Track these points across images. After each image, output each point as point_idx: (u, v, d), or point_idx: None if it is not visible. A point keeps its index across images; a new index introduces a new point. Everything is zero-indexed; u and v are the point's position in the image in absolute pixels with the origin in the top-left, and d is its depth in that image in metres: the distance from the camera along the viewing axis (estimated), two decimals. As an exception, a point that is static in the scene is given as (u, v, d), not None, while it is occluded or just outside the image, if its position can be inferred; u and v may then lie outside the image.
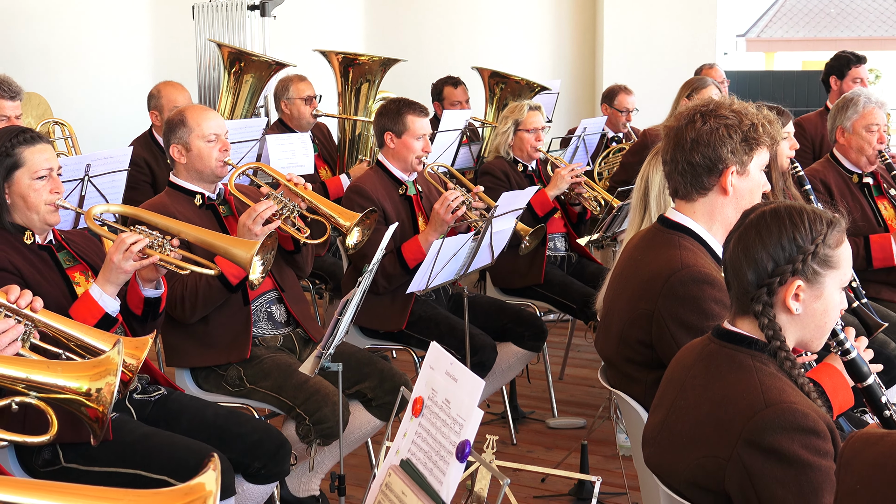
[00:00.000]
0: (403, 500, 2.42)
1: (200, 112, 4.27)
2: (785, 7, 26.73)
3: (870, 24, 25.65)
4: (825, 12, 26.31)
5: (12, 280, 3.28)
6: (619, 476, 4.92)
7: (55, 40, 8.45)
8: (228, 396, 4.23)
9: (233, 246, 3.77)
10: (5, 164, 3.47)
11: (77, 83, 8.48)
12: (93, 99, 8.57)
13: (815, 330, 2.53)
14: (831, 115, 5.30)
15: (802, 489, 2.29)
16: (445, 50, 10.48)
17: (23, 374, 2.21)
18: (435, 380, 2.48)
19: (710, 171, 3.14)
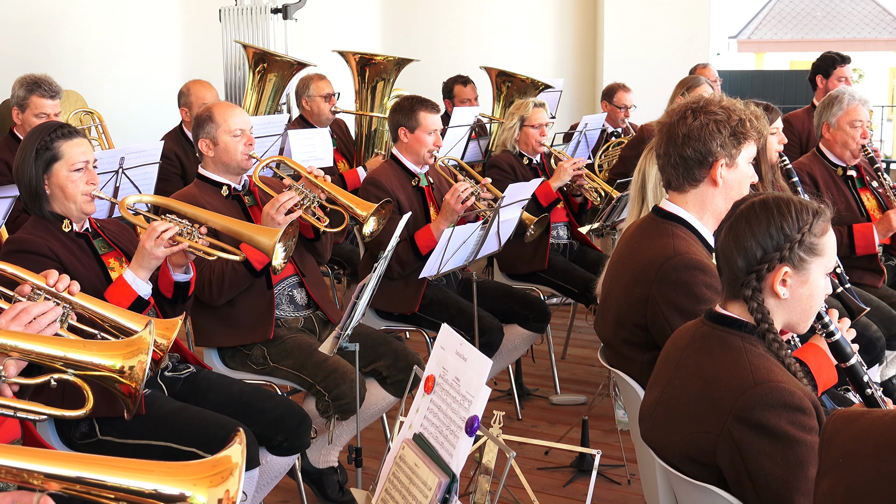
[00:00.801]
0: (416, 471, 2.43)
1: (227, 109, 4.28)
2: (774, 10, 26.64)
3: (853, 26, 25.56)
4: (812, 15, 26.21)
5: (51, 265, 3.29)
6: (617, 449, 4.93)
7: (91, 42, 8.45)
8: (253, 374, 4.24)
9: (257, 234, 3.78)
10: (45, 157, 3.48)
11: (111, 82, 8.49)
12: (126, 96, 8.57)
13: (802, 313, 2.53)
14: (817, 112, 5.29)
15: (789, 462, 2.29)
16: (455, 50, 10.47)
17: (61, 352, 2.21)
18: (446, 359, 2.49)
19: (701, 164, 3.14)
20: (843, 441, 1.93)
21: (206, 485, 1.60)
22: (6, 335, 2.19)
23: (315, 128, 6.64)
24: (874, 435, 1.87)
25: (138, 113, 8.52)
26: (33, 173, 3.49)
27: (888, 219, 4.98)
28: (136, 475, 1.58)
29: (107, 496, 1.57)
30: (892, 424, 1.84)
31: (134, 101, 8.61)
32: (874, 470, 1.83)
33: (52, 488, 1.56)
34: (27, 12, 8.00)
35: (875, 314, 4.71)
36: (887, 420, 1.86)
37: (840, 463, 1.91)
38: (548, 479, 4.74)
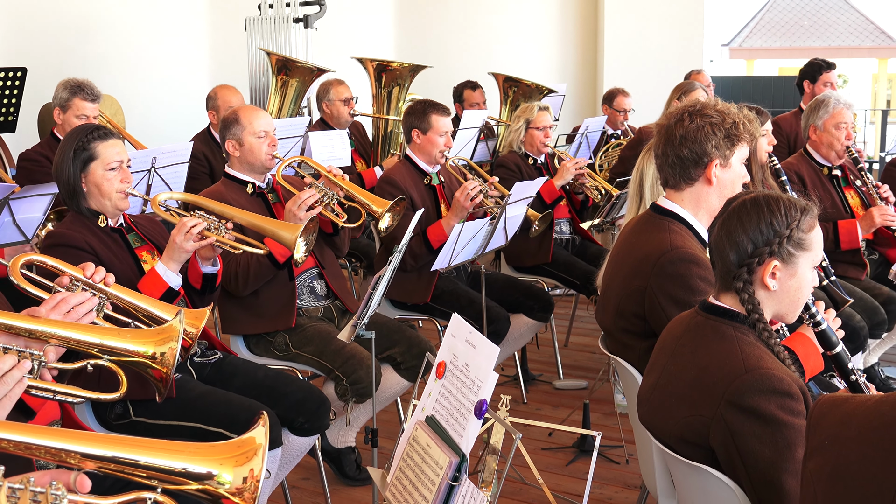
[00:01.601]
0: (428, 451, 2.43)
1: (252, 112, 4.28)
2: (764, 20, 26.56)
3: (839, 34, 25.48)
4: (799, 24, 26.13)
5: (88, 258, 3.30)
6: (616, 431, 4.92)
7: (125, 50, 8.47)
8: (276, 360, 4.25)
9: (280, 229, 3.78)
10: (82, 157, 3.49)
11: (145, 86, 8.51)
12: (158, 100, 8.59)
13: (790, 304, 2.52)
14: (805, 115, 5.27)
15: (778, 444, 2.29)
16: (465, 57, 10.46)
17: (97, 339, 2.22)
18: (456, 346, 2.48)
19: (697, 164, 3.14)
20: (829, 424, 1.93)
21: (232, 464, 1.60)
22: (46, 324, 2.20)
23: (334, 130, 6.64)
24: (858, 419, 1.86)
25: (169, 115, 8.55)
26: (71, 172, 3.50)
27: (871, 216, 4.97)
28: (167, 455, 1.58)
29: (139, 474, 1.57)
30: (874, 409, 1.84)
31: (165, 105, 8.63)
32: (858, 452, 1.83)
33: (88, 467, 1.56)
34: (66, 21, 8.02)
35: (858, 305, 4.71)
36: (870, 405, 1.86)
37: (826, 445, 1.91)
38: (551, 458, 4.74)
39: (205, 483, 1.59)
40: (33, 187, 4.28)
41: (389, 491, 2.57)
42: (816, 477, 1.92)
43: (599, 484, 4.46)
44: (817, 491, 1.90)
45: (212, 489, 1.59)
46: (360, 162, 7.01)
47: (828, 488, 1.87)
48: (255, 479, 1.60)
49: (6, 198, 4.08)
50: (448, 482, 2.32)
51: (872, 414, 1.83)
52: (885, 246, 5.26)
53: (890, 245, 5.20)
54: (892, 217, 4.94)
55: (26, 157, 5.45)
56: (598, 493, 4.38)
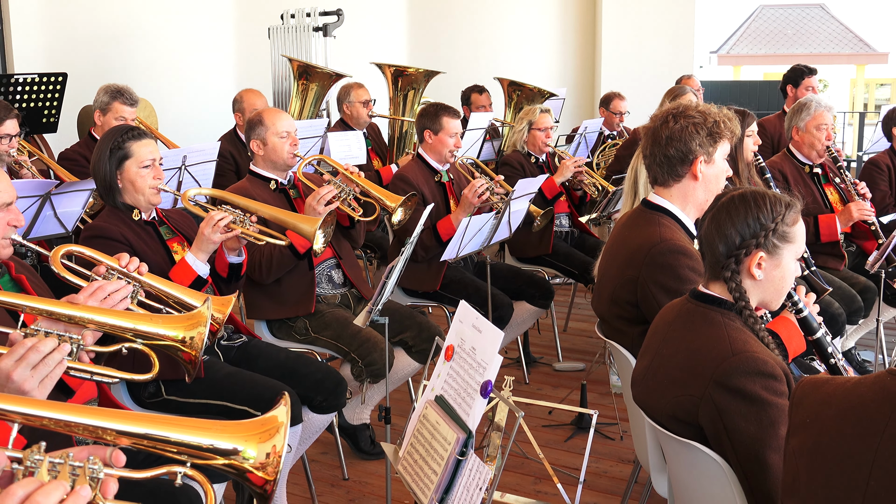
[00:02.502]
0: (437, 428, 2.42)
1: (275, 114, 4.27)
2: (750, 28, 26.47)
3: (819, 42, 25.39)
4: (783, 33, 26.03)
5: (123, 249, 3.30)
6: (611, 410, 4.92)
7: (158, 57, 8.49)
8: (296, 343, 4.25)
9: (300, 222, 3.78)
10: (117, 155, 3.49)
11: (176, 90, 8.52)
12: (188, 103, 8.60)
13: (774, 293, 2.52)
14: (788, 117, 5.26)
15: (762, 422, 2.28)
16: (472, 63, 10.45)
17: (131, 324, 2.22)
18: (463, 331, 2.48)
19: (683, 162, 3.15)
20: (811, 404, 1.92)
21: (256, 441, 1.60)
22: (84, 310, 2.20)
23: (352, 131, 6.63)
24: (837, 399, 1.86)
25: (199, 117, 8.56)
26: (108, 169, 3.50)
27: (849, 211, 4.96)
28: (196, 432, 1.58)
29: (170, 450, 1.57)
30: (853, 390, 1.83)
31: (195, 107, 8.65)
32: (837, 430, 1.82)
33: (123, 443, 1.56)
34: (104, 31, 8.03)
35: (837, 293, 4.70)
36: (849, 386, 1.86)
37: (807, 423, 1.91)
38: (551, 435, 4.74)
39: (231, 458, 1.58)
40: (73, 183, 4.29)
41: (401, 465, 2.57)
42: (798, 453, 1.91)
43: (596, 458, 4.46)
44: (799, 466, 1.90)
45: (237, 464, 1.59)
46: (376, 160, 7.01)
47: (809, 463, 1.87)
48: (277, 454, 1.60)
49: (48, 193, 4.09)
50: (456, 457, 2.32)
51: (851, 395, 1.83)
52: (862, 239, 5.25)
53: (866, 238, 5.18)
54: (868, 212, 4.93)
55: (66, 155, 5.46)
56: (594, 467, 4.38)
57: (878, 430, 1.73)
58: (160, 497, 2.50)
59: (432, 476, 2.38)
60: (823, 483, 1.82)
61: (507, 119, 7.86)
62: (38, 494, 1.35)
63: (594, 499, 4.10)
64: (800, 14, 26.34)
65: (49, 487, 1.36)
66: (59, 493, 1.36)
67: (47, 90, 6.07)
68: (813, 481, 1.85)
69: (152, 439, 1.56)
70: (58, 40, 7.70)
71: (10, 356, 2.01)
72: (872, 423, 1.75)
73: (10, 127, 4.54)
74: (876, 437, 1.73)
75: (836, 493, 1.79)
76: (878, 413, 1.74)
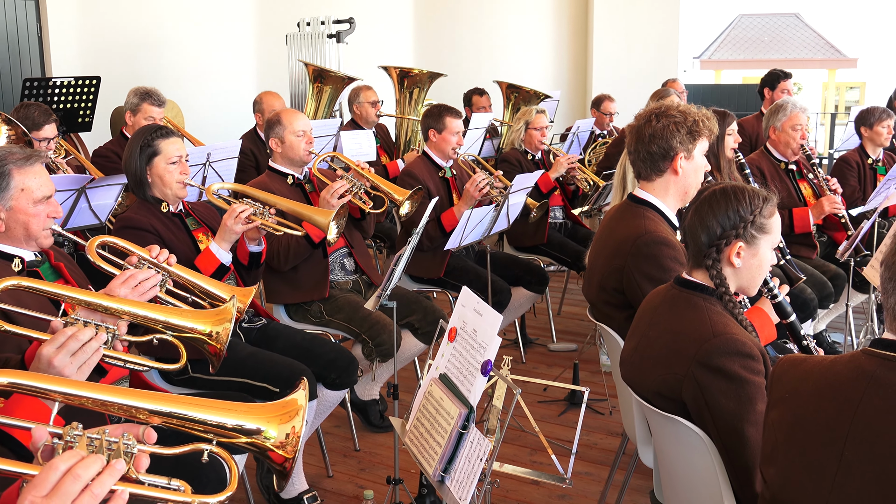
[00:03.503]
0: (441, 404, 2.42)
1: (292, 114, 4.27)
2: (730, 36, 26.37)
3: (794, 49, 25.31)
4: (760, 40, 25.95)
5: (153, 239, 3.31)
6: (601, 387, 4.93)
7: (185, 61, 8.49)
8: (312, 325, 4.26)
9: (315, 214, 3.78)
10: (147, 152, 3.50)
11: (201, 92, 8.52)
12: (212, 104, 8.60)
13: (751, 280, 2.52)
14: (765, 118, 5.24)
15: (740, 398, 2.28)
16: (474, 67, 10.44)
17: (163, 317, 2.23)
18: (465, 314, 2.48)
19: (664, 158, 3.15)
20: (790, 380, 1.93)
21: (277, 422, 1.60)
22: (120, 302, 2.20)
23: (362, 130, 6.63)
24: (815, 376, 1.86)
25: (221, 117, 8.56)
26: (138, 165, 3.50)
27: (821, 204, 4.95)
28: (222, 413, 1.58)
29: (198, 429, 1.57)
30: (829, 368, 1.84)
31: (218, 108, 8.64)
32: (814, 404, 1.83)
33: (155, 422, 1.57)
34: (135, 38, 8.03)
35: (809, 280, 4.70)
36: (826, 364, 1.86)
37: (786, 398, 1.91)
38: (546, 410, 4.75)
39: (253, 437, 1.59)
40: (106, 178, 4.29)
41: (408, 437, 2.58)
42: (777, 424, 1.92)
43: (587, 432, 4.47)
44: (778, 437, 1.90)
45: (259, 443, 1.59)
46: (384, 156, 7.01)
47: (788, 435, 1.87)
48: (296, 434, 1.61)
49: (83, 187, 4.09)
50: (458, 430, 2.32)
51: (828, 372, 1.83)
52: (833, 230, 5.24)
53: (837, 229, 5.18)
54: (839, 206, 4.93)
55: (99, 152, 5.46)
56: (585, 439, 4.38)
57: (853, 406, 1.74)
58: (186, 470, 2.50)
59: (437, 448, 2.38)
60: (801, 453, 1.83)
61: (506, 119, 7.85)
62: (78, 467, 1.35)
63: (585, 468, 4.11)
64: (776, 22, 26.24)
65: (88, 461, 1.37)
66: (97, 467, 1.37)
67: (82, 92, 6.07)
68: (791, 451, 1.86)
69: (181, 418, 1.56)
70: (92, 46, 7.70)
71: (52, 343, 2.02)
72: (847, 399, 1.75)
73: (50, 131, 4.55)
74: (850, 412, 1.74)
75: (813, 463, 1.79)
76: (853, 390, 1.74)
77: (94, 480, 1.35)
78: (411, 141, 7.45)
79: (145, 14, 8.17)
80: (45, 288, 2.17)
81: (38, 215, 2.69)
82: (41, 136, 4.48)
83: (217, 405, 1.58)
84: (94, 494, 1.35)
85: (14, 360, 2.24)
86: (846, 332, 5.13)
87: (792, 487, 1.84)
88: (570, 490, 3.89)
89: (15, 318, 2.27)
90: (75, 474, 1.34)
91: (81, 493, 1.34)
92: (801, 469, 1.82)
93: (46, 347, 2.01)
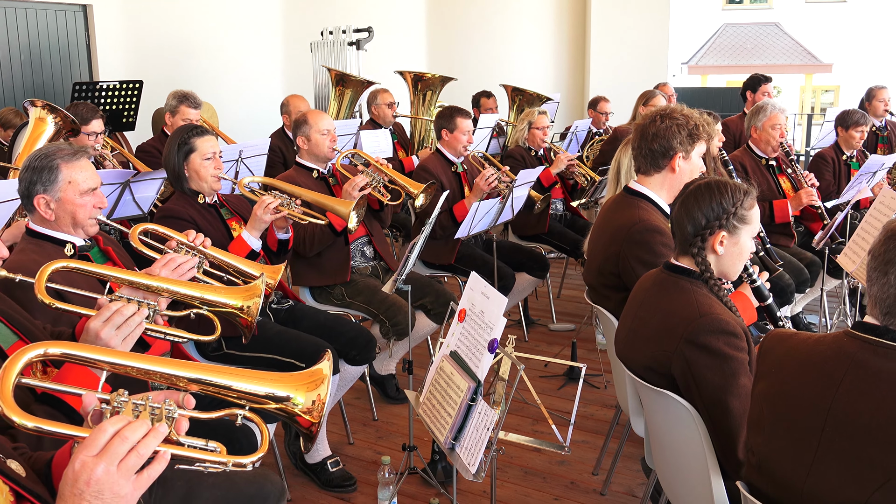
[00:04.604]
0: (452, 378, 2.43)
1: (317, 115, 4.27)
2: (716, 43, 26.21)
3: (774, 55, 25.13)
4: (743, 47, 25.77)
5: (190, 227, 3.31)
6: (597, 363, 4.93)
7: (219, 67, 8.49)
8: (334, 306, 4.26)
9: (337, 205, 3.78)
10: (184, 149, 3.50)
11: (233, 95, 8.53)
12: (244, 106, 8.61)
13: (732, 266, 2.51)
14: (747, 118, 5.21)
15: (724, 373, 2.28)
16: (482, 72, 10.41)
17: (199, 294, 2.23)
18: (474, 297, 2.48)
19: (664, 156, 3.13)
20: (776, 355, 1.92)
21: (305, 390, 1.61)
22: (160, 280, 2.21)
23: (380, 129, 6.63)
24: (800, 352, 1.85)
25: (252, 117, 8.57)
26: (176, 161, 3.51)
27: (798, 197, 4.93)
28: (255, 382, 1.59)
29: (232, 396, 1.58)
30: (814, 347, 1.83)
31: (249, 109, 8.66)
32: (799, 379, 1.82)
33: (193, 389, 1.57)
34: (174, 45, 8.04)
35: (787, 267, 4.68)
36: (811, 343, 1.86)
37: (772, 371, 1.91)
38: (547, 384, 4.75)
39: (283, 404, 1.59)
40: (148, 173, 4.30)
41: (422, 408, 2.58)
42: (764, 396, 1.91)
43: (584, 404, 4.47)
44: (764, 408, 1.90)
45: (288, 409, 1.60)
46: (400, 152, 7.00)
47: (773, 406, 1.87)
48: (321, 401, 1.61)
49: (127, 181, 4.11)
50: (467, 402, 2.33)
51: (812, 350, 1.83)
52: (809, 220, 5.22)
53: (813, 220, 5.16)
54: (815, 198, 4.90)
55: (143, 149, 5.48)
56: (582, 410, 4.39)
57: (835, 383, 1.73)
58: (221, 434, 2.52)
59: (447, 418, 2.39)
60: (785, 425, 1.82)
61: (511, 119, 7.82)
62: (125, 430, 1.37)
63: (583, 437, 4.11)
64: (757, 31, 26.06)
65: (134, 424, 1.38)
66: (142, 430, 1.38)
67: (127, 95, 6.08)
68: (776, 423, 1.85)
69: (218, 386, 1.57)
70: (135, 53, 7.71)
71: (99, 318, 2.03)
72: (830, 376, 1.74)
73: (96, 126, 4.56)
74: (833, 389, 1.73)
75: (796, 435, 1.79)
76: (836, 369, 1.74)
77: (140, 442, 1.37)
78: (425, 139, 7.44)
79: (184, 24, 8.18)
80: (93, 269, 2.18)
81: (84, 205, 2.71)
82: (89, 129, 4.51)
83: (250, 374, 1.59)
84: (140, 454, 1.36)
85: (66, 333, 2.26)
86: (821, 314, 5.11)
87: (777, 457, 1.84)
88: (568, 457, 3.89)
89: (67, 297, 2.29)
90: (123, 436, 1.36)
91: (128, 453, 1.35)
92: (785, 440, 1.82)
93: (94, 321, 2.03)
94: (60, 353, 1.54)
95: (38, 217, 2.72)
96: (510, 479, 3.71)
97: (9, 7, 6.96)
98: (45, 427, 1.43)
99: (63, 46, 7.36)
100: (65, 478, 1.35)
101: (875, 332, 1.71)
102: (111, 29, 7.57)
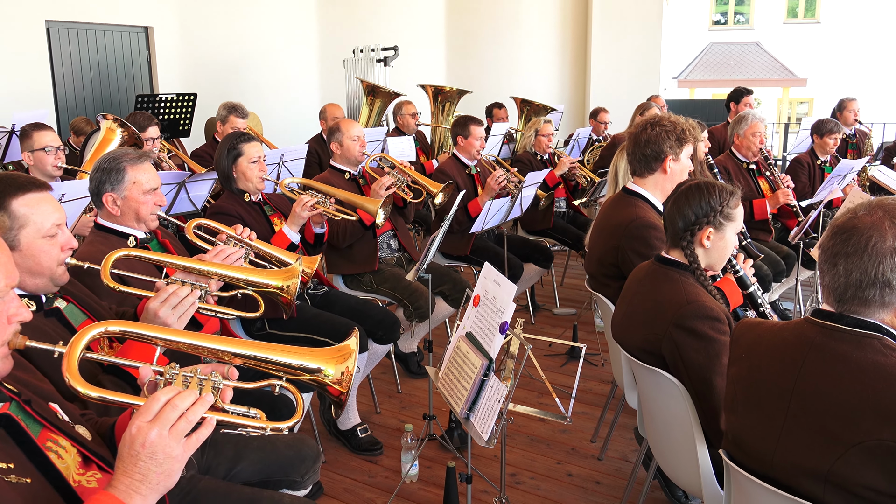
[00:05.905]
0: (467, 356, 2.42)
1: (349, 123, 4.26)
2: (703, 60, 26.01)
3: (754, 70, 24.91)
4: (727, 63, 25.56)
5: (238, 222, 3.32)
6: (596, 344, 4.90)
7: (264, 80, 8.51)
8: (364, 292, 4.26)
9: (366, 202, 3.77)
10: (233, 154, 3.50)
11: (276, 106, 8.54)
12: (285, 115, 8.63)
13: (718, 258, 2.49)
14: (731, 126, 5.16)
15: (709, 354, 2.26)
16: (494, 85, 10.39)
17: (244, 276, 2.24)
18: (486, 285, 2.47)
19: (656, 159, 3.11)
20: (746, 342, 1.90)
21: (334, 363, 1.61)
22: (210, 265, 2.21)
23: (405, 136, 6.62)
24: (766, 339, 1.84)
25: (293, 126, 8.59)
26: (225, 164, 3.51)
27: (776, 197, 4.88)
28: (290, 355, 1.59)
29: (271, 368, 1.58)
30: (778, 333, 1.81)
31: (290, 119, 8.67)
32: (766, 363, 1.80)
33: (237, 362, 1.58)
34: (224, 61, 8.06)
35: (766, 259, 4.64)
36: (776, 329, 1.83)
37: (743, 357, 1.89)
38: (551, 362, 4.73)
39: (315, 375, 1.59)
40: (201, 174, 4.31)
41: (440, 382, 2.58)
42: (736, 379, 1.90)
43: (583, 380, 4.45)
44: (737, 390, 1.88)
45: (320, 379, 1.60)
46: (422, 156, 7.00)
47: (745, 389, 1.85)
48: (349, 373, 1.61)
49: (183, 181, 4.12)
50: (481, 377, 2.32)
51: (777, 337, 1.81)
52: (786, 218, 5.17)
53: (789, 217, 5.11)
54: (790, 198, 4.86)
55: (196, 153, 5.49)
56: (582, 385, 4.37)
57: (797, 366, 1.71)
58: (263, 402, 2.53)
59: (463, 391, 2.38)
60: (756, 405, 1.81)
61: (520, 127, 7.79)
62: (176, 399, 1.37)
63: (582, 409, 4.09)
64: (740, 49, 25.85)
65: (185, 393, 1.38)
66: (191, 398, 1.38)
67: (182, 106, 6.10)
68: (748, 402, 1.84)
69: (258, 360, 1.57)
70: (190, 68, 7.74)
71: (157, 299, 2.04)
72: (793, 360, 1.73)
73: (152, 132, 4.59)
74: (795, 372, 1.71)
75: (765, 414, 1.77)
76: (798, 353, 1.72)
77: (189, 409, 1.37)
78: (443, 145, 7.43)
79: (233, 44, 8.20)
80: (151, 256, 2.19)
81: (146, 203, 2.72)
82: (146, 136, 4.54)
83: (287, 349, 1.59)
84: (189, 420, 1.36)
85: (129, 313, 2.27)
86: (796, 301, 5.06)
87: (749, 433, 1.83)
88: (569, 426, 3.88)
89: (129, 281, 2.30)
90: (174, 404, 1.36)
91: (178, 419, 1.35)
92: (755, 418, 1.80)
93: (152, 302, 2.04)
94: (119, 331, 1.55)
95: (105, 213, 2.73)
96: (518, 445, 3.70)
97: (80, 29, 7.01)
98: (107, 396, 1.44)
99: (127, 63, 7.40)
100: (123, 441, 1.35)
101: (831, 318, 1.69)
102: (169, 48, 7.60)
